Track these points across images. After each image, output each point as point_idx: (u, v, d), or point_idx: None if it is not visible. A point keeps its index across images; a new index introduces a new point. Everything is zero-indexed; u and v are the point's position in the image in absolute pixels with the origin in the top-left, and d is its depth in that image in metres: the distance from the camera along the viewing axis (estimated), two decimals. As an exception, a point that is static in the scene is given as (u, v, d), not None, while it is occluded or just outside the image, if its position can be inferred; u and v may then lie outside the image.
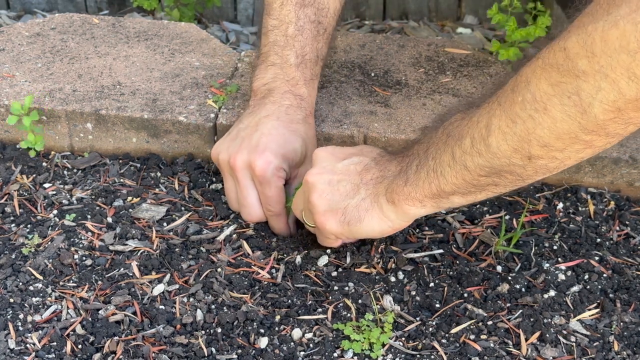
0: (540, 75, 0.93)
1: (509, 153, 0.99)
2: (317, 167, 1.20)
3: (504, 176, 1.03)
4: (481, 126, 1.01)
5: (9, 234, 1.36)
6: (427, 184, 1.09)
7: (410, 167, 1.11)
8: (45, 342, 1.17)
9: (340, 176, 1.18)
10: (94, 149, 1.53)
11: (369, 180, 1.16)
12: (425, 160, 1.09)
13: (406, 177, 1.11)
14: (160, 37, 1.73)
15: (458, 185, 1.06)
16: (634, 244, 1.34)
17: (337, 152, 1.22)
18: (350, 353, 1.16)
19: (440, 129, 1.09)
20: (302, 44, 1.39)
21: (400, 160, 1.14)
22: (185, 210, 1.40)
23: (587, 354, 1.16)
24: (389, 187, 1.13)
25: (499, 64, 1.64)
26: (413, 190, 1.10)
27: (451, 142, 1.05)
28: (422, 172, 1.09)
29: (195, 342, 1.17)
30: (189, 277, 1.27)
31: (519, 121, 0.96)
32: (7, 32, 1.74)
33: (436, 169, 1.07)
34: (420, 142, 1.13)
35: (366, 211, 1.16)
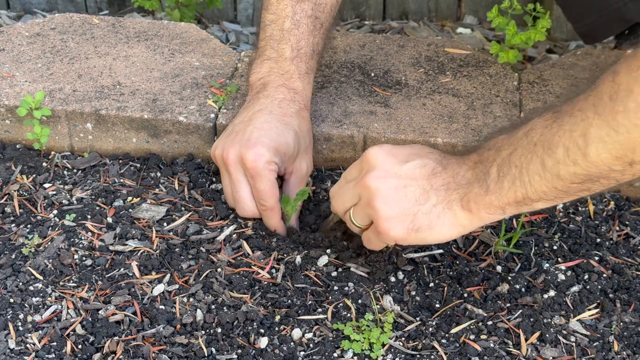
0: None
1: (610, 161, 0.98)
2: (378, 169, 1.15)
3: (598, 182, 1.02)
4: (576, 135, 0.99)
5: (9, 234, 1.36)
6: (512, 192, 1.06)
7: (489, 174, 1.08)
8: (45, 342, 1.17)
9: (407, 181, 1.14)
10: (94, 149, 1.53)
11: (440, 186, 1.13)
12: (508, 168, 1.06)
13: (487, 186, 1.08)
14: (160, 37, 1.73)
15: (547, 193, 1.05)
16: (634, 244, 1.34)
17: (395, 153, 1.17)
18: (350, 353, 1.16)
19: (520, 136, 1.06)
20: (297, 38, 1.39)
21: (472, 166, 1.11)
22: (185, 210, 1.40)
23: (587, 354, 1.16)
24: (466, 196, 1.10)
25: (499, 64, 1.64)
26: (496, 199, 1.08)
27: (539, 151, 1.03)
28: (506, 181, 1.06)
29: (195, 342, 1.17)
30: (189, 277, 1.27)
31: (622, 130, 0.95)
32: (7, 32, 1.74)
33: (522, 178, 1.05)
34: (493, 148, 1.09)
35: (437, 217, 1.13)
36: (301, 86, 1.38)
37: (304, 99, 1.38)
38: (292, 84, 1.38)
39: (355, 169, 1.21)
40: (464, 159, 1.13)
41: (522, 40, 1.61)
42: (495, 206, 1.09)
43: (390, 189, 1.13)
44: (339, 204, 1.23)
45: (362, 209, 1.18)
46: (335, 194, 1.24)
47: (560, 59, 1.68)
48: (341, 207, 1.23)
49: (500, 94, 1.55)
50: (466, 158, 1.13)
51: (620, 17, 1.45)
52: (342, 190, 1.22)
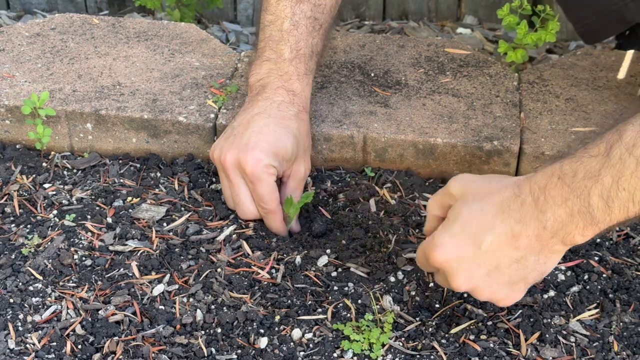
0: None
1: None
2: (460, 274, 1.06)
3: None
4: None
5: (8, 234, 1.36)
6: (624, 213, 0.99)
7: (590, 206, 0.99)
8: (45, 342, 1.17)
9: (495, 260, 1.06)
10: (93, 149, 1.53)
11: (530, 243, 1.04)
12: (615, 194, 0.98)
13: (592, 218, 1.00)
14: (160, 38, 1.73)
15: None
16: (634, 244, 1.34)
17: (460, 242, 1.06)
18: (350, 353, 1.16)
19: (619, 154, 0.97)
20: (296, 39, 1.39)
21: (560, 204, 1.01)
22: (185, 211, 1.40)
23: (586, 354, 1.16)
24: (568, 235, 1.02)
25: (499, 64, 1.64)
26: (603, 225, 1.01)
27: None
28: (615, 207, 0.98)
29: (195, 342, 1.17)
30: (189, 277, 1.27)
31: None
32: (7, 32, 1.74)
33: (636, 199, 0.97)
34: (586, 176, 1.00)
35: (544, 264, 1.07)
36: (300, 87, 1.38)
37: (303, 101, 1.39)
38: (291, 85, 1.38)
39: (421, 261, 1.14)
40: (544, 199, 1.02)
41: (533, 40, 1.62)
42: (602, 229, 1.02)
43: (484, 278, 1.07)
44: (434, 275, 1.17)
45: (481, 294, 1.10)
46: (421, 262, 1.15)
47: (560, 59, 1.68)
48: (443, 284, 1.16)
49: (500, 94, 1.55)
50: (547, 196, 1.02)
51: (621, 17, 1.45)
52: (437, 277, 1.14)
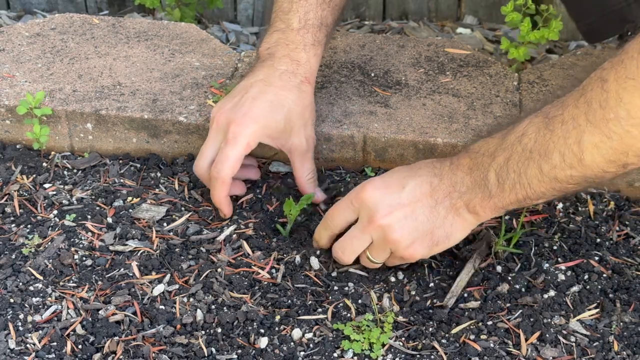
0: (634, 93, 0.97)
1: (604, 165, 1.03)
2: (381, 207, 1.18)
3: (593, 182, 1.07)
4: (570, 142, 1.04)
5: (9, 234, 1.36)
6: (514, 195, 1.12)
7: (488, 180, 1.13)
8: (46, 342, 1.17)
9: (412, 205, 1.17)
10: (94, 149, 1.53)
11: (443, 197, 1.17)
12: (506, 173, 1.11)
13: (489, 191, 1.13)
14: (160, 38, 1.73)
15: (545, 193, 1.10)
16: (634, 244, 1.34)
17: (389, 184, 1.20)
18: (350, 353, 1.16)
19: (513, 141, 1.11)
20: (305, 10, 1.40)
21: (468, 172, 1.15)
22: (185, 211, 1.40)
23: (587, 354, 1.16)
24: (471, 202, 1.16)
25: (499, 64, 1.64)
26: (499, 202, 1.14)
27: (536, 157, 1.08)
28: (507, 185, 1.12)
29: (195, 342, 1.17)
30: (189, 277, 1.27)
31: (615, 137, 1.00)
32: (7, 32, 1.74)
33: (522, 182, 1.10)
34: (486, 154, 1.14)
35: (451, 226, 1.18)
36: (306, 57, 1.39)
37: (307, 71, 1.39)
38: (296, 54, 1.39)
39: (346, 212, 1.23)
40: (456, 165, 1.17)
41: (537, 37, 1.62)
42: (499, 207, 1.15)
43: (401, 219, 1.17)
44: (350, 255, 1.25)
45: (380, 248, 1.21)
46: (343, 249, 1.24)
47: (560, 59, 1.68)
48: (352, 257, 1.25)
49: (500, 94, 1.55)
50: (458, 163, 1.18)
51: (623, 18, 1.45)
52: (349, 242, 1.23)
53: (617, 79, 0.98)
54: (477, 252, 1.29)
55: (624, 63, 0.98)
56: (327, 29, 1.44)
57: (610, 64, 1.01)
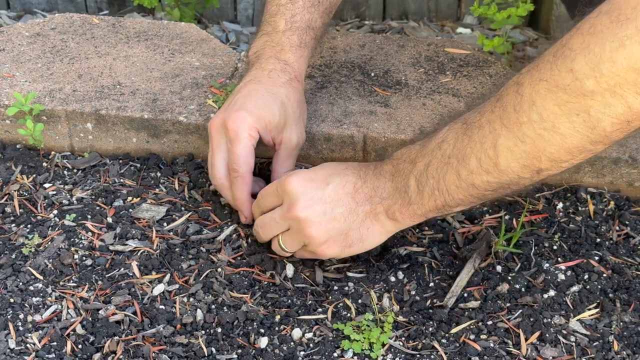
0: (546, 96, 0.97)
1: (518, 170, 1.04)
2: (302, 199, 1.19)
3: (509, 188, 1.08)
4: (487, 147, 1.04)
5: (9, 234, 1.36)
6: (432, 201, 1.13)
7: (408, 186, 1.14)
8: (46, 342, 1.17)
9: (333, 203, 1.18)
10: (94, 149, 1.53)
11: (364, 200, 1.18)
12: (425, 180, 1.12)
13: (408, 198, 1.14)
14: (160, 37, 1.73)
15: (463, 200, 1.11)
16: (634, 243, 1.34)
17: (314, 178, 1.21)
18: (350, 353, 1.16)
19: (433, 147, 1.12)
20: (292, 12, 1.41)
21: (390, 178, 1.17)
22: (185, 210, 1.40)
23: (587, 354, 1.16)
24: (390, 208, 1.16)
25: (499, 63, 1.64)
26: (418, 209, 1.15)
27: (454, 163, 1.08)
28: (426, 192, 1.12)
29: (195, 342, 1.17)
30: (189, 277, 1.27)
31: (528, 140, 1.01)
32: (7, 32, 1.74)
33: (440, 188, 1.11)
34: (407, 160, 1.15)
35: (367, 230, 1.19)
36: (293, 58, 1.39)
37: (295, 70, 1.39)
38: (283, 55, 1.39)
39: (272, 197, 1.25)
40: (380, 171, 1.18)
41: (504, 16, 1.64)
42: (418, 214, 1.16)
43: (319, 215, 1.18)
44: (266, 234, 1.27)
45: (294, 238, 1.22)
46: (263, 225, 1.26)
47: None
48: (268, 237, 1.27)
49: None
50: (381, 169, 1.18)
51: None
52: (267, 221, 1.25)
53: (531, 82, 0.99)
54: (477, 252, 1.29)
55: (539, 67, 0.99)
56: (314, 31, 1.43)
57: (526, 68, 1.02)
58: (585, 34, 0.94)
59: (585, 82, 0.93)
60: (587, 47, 0.93)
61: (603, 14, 0.93)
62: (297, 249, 1.24)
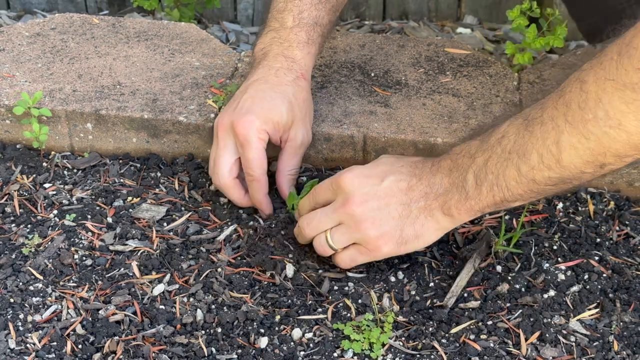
0: (613, 94, 0.97)
1: (581, 165, 1.04)
2: (357, 195, 1.18)
3: (570, 183, 1.08)
4: (549, 143, 1.04)
5: (9, 234, 1.36)
6: (491, 197, 1.12)
7: (466, 181, 1.13)
8: (46, 342, 1.17)
9: (388, 199, 1.18)
10: (94, 149, 1.53)
11: (419, 197, 1.17)
12: (484, 175, 1.12)
13: (466, 193, 1.14)
14: (160, 37, 1.73)
15: (522, 195, 1.11)
16: (634, 243, 1.34)
17: (368, 174, 1.20)
18: (350, 353, 1.16)
19: (493, 143, 1.11)
20: (300, 9, 1.41)
21: (447, 173, 1.16)
22: (185, 210, 1.40)
23: (587, 354, 1.16)
24: (446, 203, 1.15)
25: (499, 63, 1.64)
26: (475, 204, 1.14)
27: (514, 158, 1.08)
28: (484, 187, 1.12)
29: (195, 342, 1.17)
30: (189, 277, 1.27)
31: (593, 137, 1.01)
32: (7, 32, 1.74)
33: (500, 184, 1.10)
34: (467, 155, 1.14)
35: (422, 226, 1.18)
36: (300, 55, 1.39)
37: (302, 68, 1.39)
38: (290, 52, 1.39)
39: (327, 193, 1.23)
40: (437, 167, 1.18)
41: (542, 45, 1.63)
42: (475, 209, 1.15)
43: (374, 210, 1.18)
44: (313, 230, 1.24)
45: (345, 234, 1.21)
46: (310, 221, 1.24)
47: (560, 59, 1.68)
48: (314, 233, 1.25)
49: (500, 94, 1.55)
50: (438, 165, 1.18)
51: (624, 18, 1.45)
52: (318, 217, 1.23)
53: (596, 80, 0.99)
54: (477, 252, 1.29)
55: (603, 65, 0.99)
56: (321, 28, 1.43)
57: (589, 65, 1.02)
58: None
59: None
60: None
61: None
62: (345, 244, 1.22)
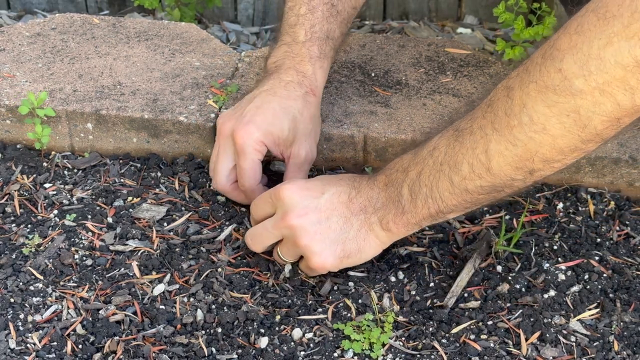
0: (536, 98, 0.97)
1: (511, 172, 1.04)
2: (297, 207, 1.18)
3: (503, 191, 1.08)
4: (478, 152, 1.05)
5: (9, 234, 1.36)
6: (426, 209, 1.13)
7: (401, 195, 1.14)
8: (46, 342, 1.18)
9: (328, 212, 1.18)
10: (94, 149, 1.53)
11: (358, 210, 1.18)
12: (418, 188, 1.12)
13: (402, 207, 1.14)
14: (160, 37, 1.73)
15: (457, 206, 1.11)
16: (634, 243, 1.34)
17: (309, 187, 1.20)
18: (350, 353, 1.16)
19: (424, 155, 1.12)
20: (312, 23, 1.41)
21: (383, 188, 1.16)
22: (186, 210, 1.40)
23: (587, 354, 1.16)
24: (384, 218, 1.16)
25: (499, 63, 1.64)
26: (412, 218, 1.15)
27: (446, 170, 1.09)
28: (419, 200, 1.13)
29: (195, 342, 1.17)
30: (189, 277, 1.28)
31: (519, 143, 1.01)
32: (8, 32, 1.74)
33: (434, 196, 1.11)
34: (400, 170, 1.15)
35: (364, 241, 1.18)
36: (311, 70, 1.39)
37: (312, 83, 1.39)
38: (302, 67, 1.39)
39: (265, 206, 1.24)
40: (373, 181, 1.18)
41: (531, 34, 1.62)
42: (412, 223, 1.16)
43: (314, 224, 1.17)
44: (258, 245, 1.25)
45: (290, 248, 1.21)
46: (253, 236, 1.25)
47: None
48: (260, 248, 1.26)
49: (501, 93, 1.55)
50: (375, 179, 1.18)
51: None
52: (259, 231, 1.24)
53: (521, 85, 0.99)
54: (477, 252, 1.29)
55: (528, 70, 0.99)
56: (333, 42, 1.44)
57: (516, 72, 1.02)
58: (572, 33, 0.94)
59: (574, 82, 0.93)
60: (575, 46, 0.93)
61: (590, 12, 0.93)
62: (294, 258, 1.24)
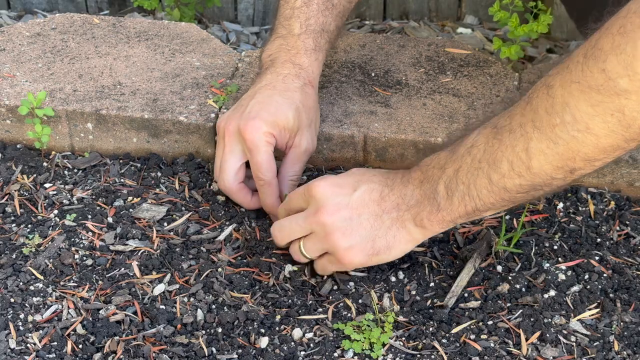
0: (579, 97, 0.97)
1: (551, 171, 1.04)
2: (329, 204, 1.17)
3: (542, 190, 1.08)
4: (518, 150, 1.04)
5: (9, 234, 1.36)
6: (462, 207, 1.12)
7: (437, 192, 1.13)
8: (46, 342, 1.18)
9: (359, 209, 1.17)
10: (94, 149, 1.53)
11: (391, 208, 1.17)
12: (455, 185, 1.11)
13: (437, 204, 1.13)
14: (160, 37, 1.73)
15: (494, 204, 1.11)
16: (634, 243, 1.34)
17: (341, 184, 1.20)
18: (350, 353, 1.16)
19: (462, 153, 1.11)
20: (307, 15, 1.41)
21: (418, 185, 1.15)
22: (186, 210, 1.40)
23: (587, 354, 1.16)
24: (418, 215, 1.15)
25: (500, 63, 1.64)
26: (447, 215, 1.13)
27: (485, 167, 1.08)
28: (456, 198, 1.12)
29: (195, 342, 1.17)
30: (190, 277, 1.28)
31: (561, 142, 1.00)
32: (8, 32, 1.74)
33: (471, 194, 1.10)
34: (437, 167, 1.14)
35: (394, 238, 1.17)
36: (307, 62, 1.40)
37: (309, 75, 1.40)
38: (298, 59, 1.39)
39: (299, 201, 1.23)
40: (408, 178, 1.17)
41: (525, 32, 1.62)
42: (447, 220, 1.14)
43: (345, 220, 1.17)
44: (285, 238, 1.25)
45: (317, 244, 1.20)
46: (282, 228, 1.25)
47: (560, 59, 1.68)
48: (286, 240, 1.25)
49: (501, 93, 1.55)
50: (409, 177, 1.17)
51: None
52: (289, 224, 1.23)
53: (562, 84, 0.99)
54: (477, 252, 1.29)
55: (569, 68, 0.99)
56: (328, 34, 1.44)
57: (555, 70, 1.02)
58: (615, 34, 0.94)
59: (618, 82, 0.93)
60: (619, 46, 0.93)
61: (632, 13, 0.93)
62: (317, 254, 1.23)
